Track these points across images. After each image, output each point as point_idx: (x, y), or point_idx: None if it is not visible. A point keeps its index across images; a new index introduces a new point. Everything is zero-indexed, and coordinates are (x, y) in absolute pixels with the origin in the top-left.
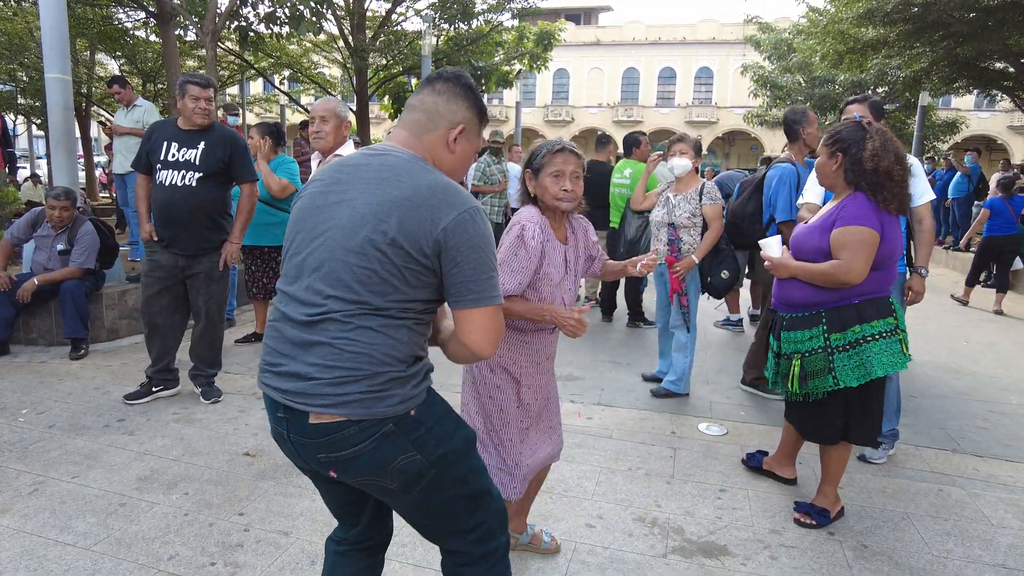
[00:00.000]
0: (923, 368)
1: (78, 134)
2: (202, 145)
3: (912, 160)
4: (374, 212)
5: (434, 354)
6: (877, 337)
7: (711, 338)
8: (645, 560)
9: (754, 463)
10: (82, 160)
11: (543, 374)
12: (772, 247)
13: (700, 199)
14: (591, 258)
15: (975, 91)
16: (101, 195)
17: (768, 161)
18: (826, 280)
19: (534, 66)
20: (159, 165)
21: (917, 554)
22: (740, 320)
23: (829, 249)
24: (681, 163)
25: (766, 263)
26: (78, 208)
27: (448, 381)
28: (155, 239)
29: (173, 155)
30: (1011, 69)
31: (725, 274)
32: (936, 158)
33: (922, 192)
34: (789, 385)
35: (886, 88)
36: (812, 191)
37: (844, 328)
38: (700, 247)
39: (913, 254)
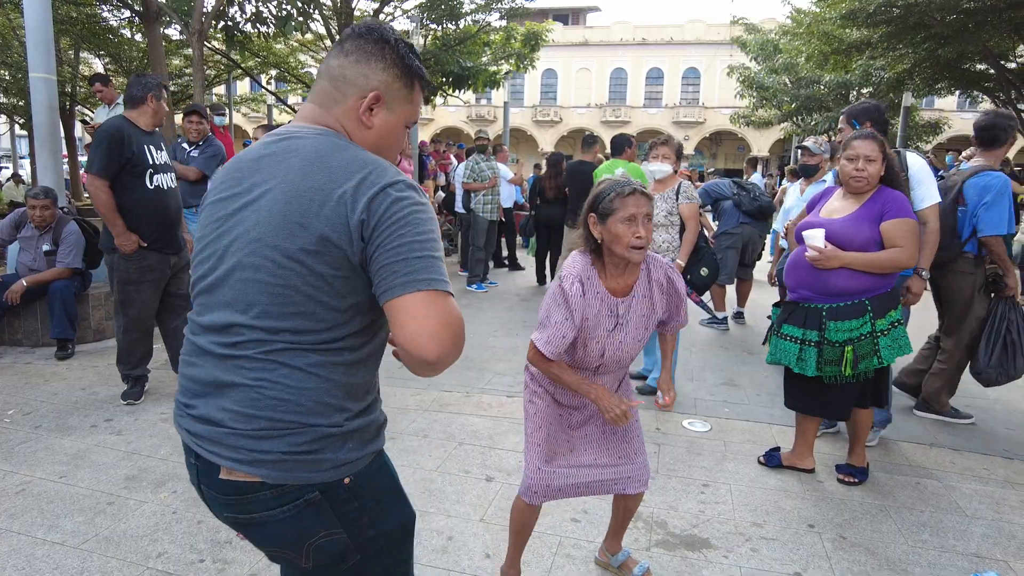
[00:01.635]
0: (904, 364)
1: (62, 133)
2: (162, 145)
3: (919, 163)
4: (282, 213)
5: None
6: (899, 323)
7: (696, 336)
8: None
9: (774, 463)
10: (66, 160)
11: (582, 399)
12: (817, 239)
13: (677, 198)
14: (671, 317)
15: (957, 92)
16: (86, 195)
17: (754, 162)
18: (890, 266)
19: (521, 66)
20: (151, 170)
21: (893, 545)
22: (725, 318)
23: (878, 239)
24: (660, 168)
25: (809, 253)
26: (62, 208)
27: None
28: (143, 245)
29: (157, 159)
30: (991, 70)
31: (704, 271)
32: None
33: (924, 196)
34: (843, 369)
35: (870, 89)
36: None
37: (884, 313)
38: (682, 249)
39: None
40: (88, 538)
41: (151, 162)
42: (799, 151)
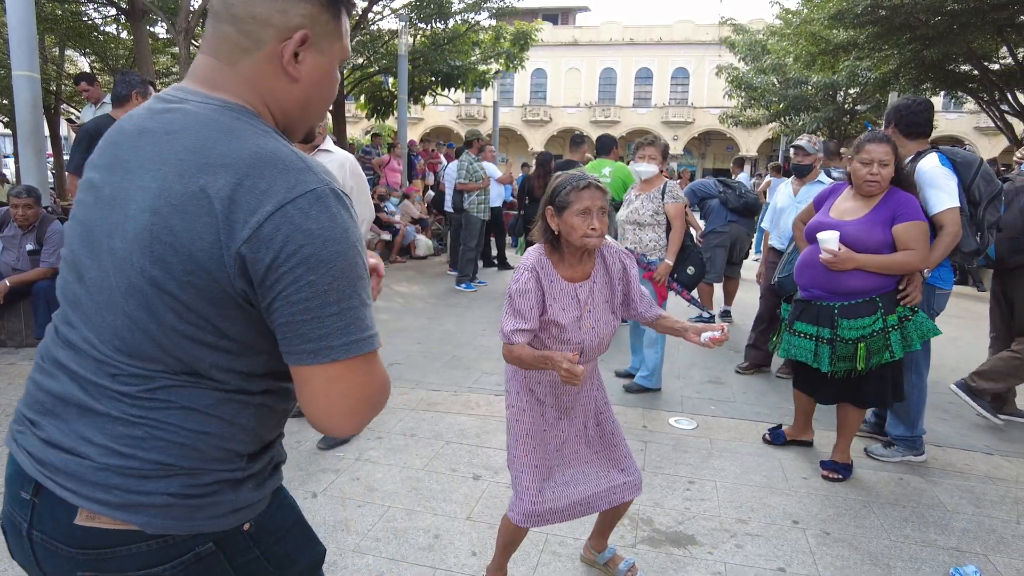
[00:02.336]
0: None
1: (47, 132)
2: None
3: (930, 167)
4: (149, 227)
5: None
6: (907, 318)
7: None
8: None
9: (779, 440)
10: (51, 159)
11: (570, 397)
12: (832, 242)
13: (663, 198)
14: (633, 298)
15: (942, 93)
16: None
17: (741, 162)
18: (902, 269)
19: (511, 66)
20: None
21: (876, 539)
22: (712, 317)
23: (890, 241)
24: (647, 168)
25: (824, 255)
26: (46, 207)
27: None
28: None
29: None
30: (975, 72)
31: (691, 270)
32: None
33: (935, 202)
34: (857, 364)
35: (857, 89)
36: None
37: (894, 310)
38: (669, 248)
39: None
40: None
41: None
42: (792, 150)
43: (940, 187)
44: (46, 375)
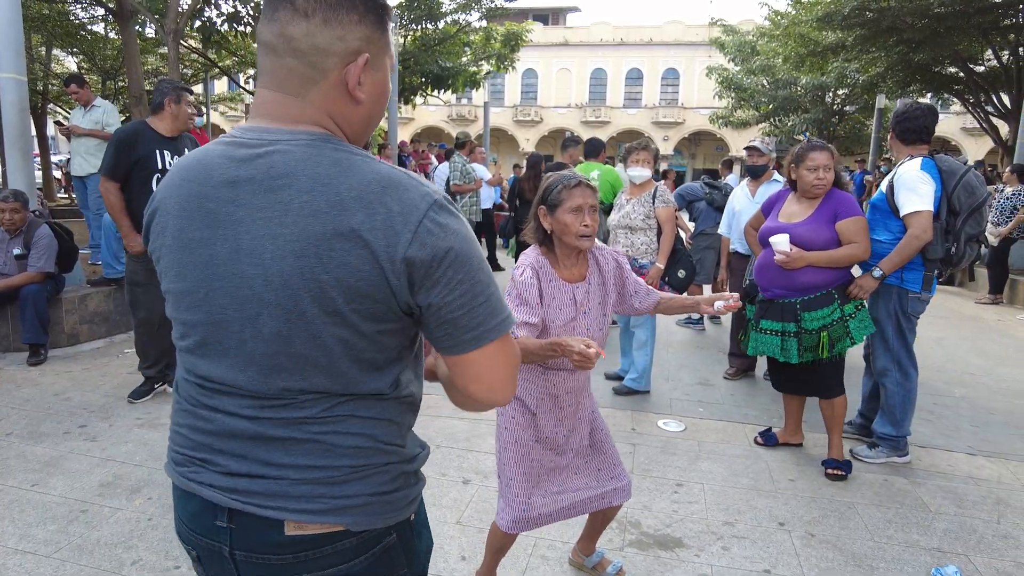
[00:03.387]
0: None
1: (34, 132)
2: (185, 150)
3: (907, 171)
4: (297, 269)
5: None
6: (862, 306)
7: (673, 337)
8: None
9: (771, 442)
10: (38, 160)
11: (564, 408)
12: (783, 243)
13: (653, 202)
14: (629, 293)
15: (928, 94)
16: (59, 195)
17: (729, 163)
18: (848, 261)
19: (501, 66)
20: (158, 175)
21: (860, 541)
22: (701, 319)
23: (836, 237)
24: (640, 173)
25: (778, 257)
26: (34, 211)
27: None
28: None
29: (170, 163)
30: (961, 74)
31: (682, 273)
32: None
33: (903, 203)
34: (820, 353)
35: (846, 91)
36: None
37: (849, 299)
38: (660, 252)
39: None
40: (61, 547)
41: (159, 166)
42: (746, 151)
43: (912, 190)
44: (201, 420)
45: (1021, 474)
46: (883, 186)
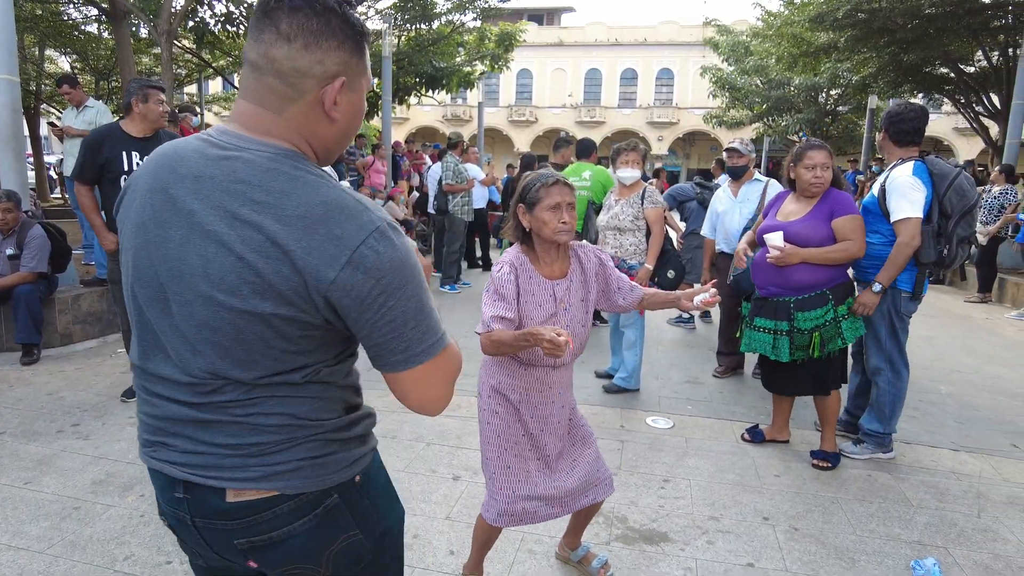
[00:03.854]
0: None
1: (27, 132)
2: None
3: (899, 176)
4: (235, 268)
5: None
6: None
7: (663, 335)
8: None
9: (758, 439)
10: (31, 159)
11: (548, 404)
12: (776, 239)
13: (642, 203)
14: (612, 290)
15: (920, 95)
16: (53, 195)
17: (721, 164)
18: (843, 257)
19: (496, 66)
20: (124, 176)
21: (842, 535)
22: (692, 318)
23: (832, 235)
24: (629, 174)
25: (771, 255)
26: (27, 212)
27: None
28: None
29: (137, 164)
30: (951, 74)
31: (671, 274)
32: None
33: (894, 208)
34: (811, 352)
35: (838, 91)
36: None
37: (843, 301)
38: (650, 253)
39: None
40: (54, 543)
41: (125, 168)
42: (726, 152)
43: (903, 196)
44: (152, 406)
45: (1002, 469)
46: (875, 189)
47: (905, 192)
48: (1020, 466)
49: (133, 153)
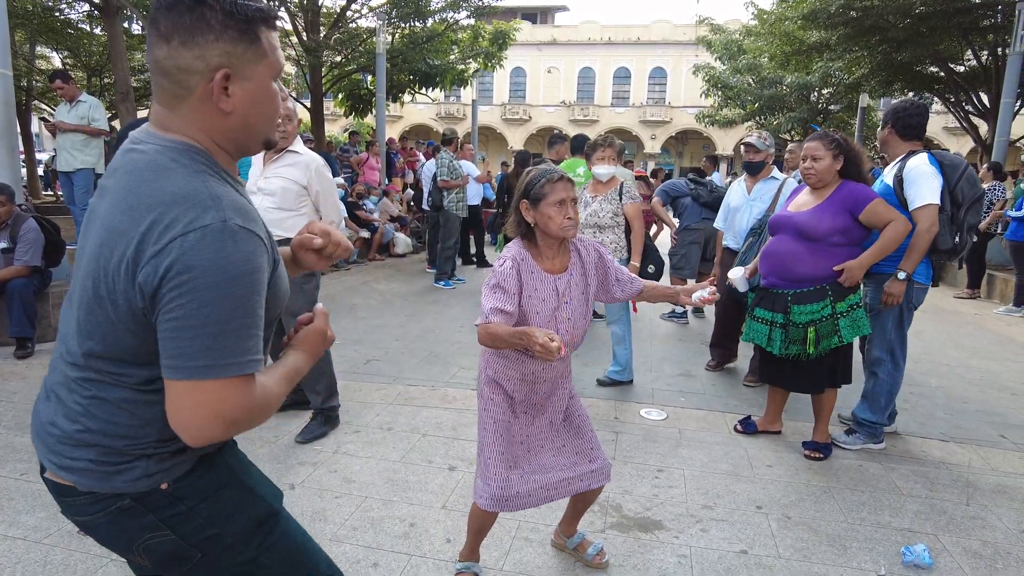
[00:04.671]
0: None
1: (19, 129)
2: None
3: (916, 165)
4: (97, 248)
5: None
6: (858, 305)
7: (657, 330)
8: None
9: (751, 429)
10: (23, 155)
11: (544, 393)
12: (738, 281)
13: (620, 198)
14: (611, 283)
15: (911, 93)
16: (45, 193)
17: (714, 160)
18: (897, 238)
19: (489, 64)
20: None
21: (834, 523)
22: (685, 312)
23: (844, 227)
24: (605, 170)
25: (843, 277)
26: (20, 206)
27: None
28: None
29: None
30: (941, 73)
31: (651, 268)
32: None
33: (914, 197)
34: (807, 348)
35: (830, 90)
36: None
37: (844, 297)
38: (634, 249)
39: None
40: (51, 533)
41: None
42: (743, 147)
43: (922, 184)
44: (51, 367)
45: (991, 459)
46: (888, 179)
47: (924, 180)
48: (1008, 456)
49: None
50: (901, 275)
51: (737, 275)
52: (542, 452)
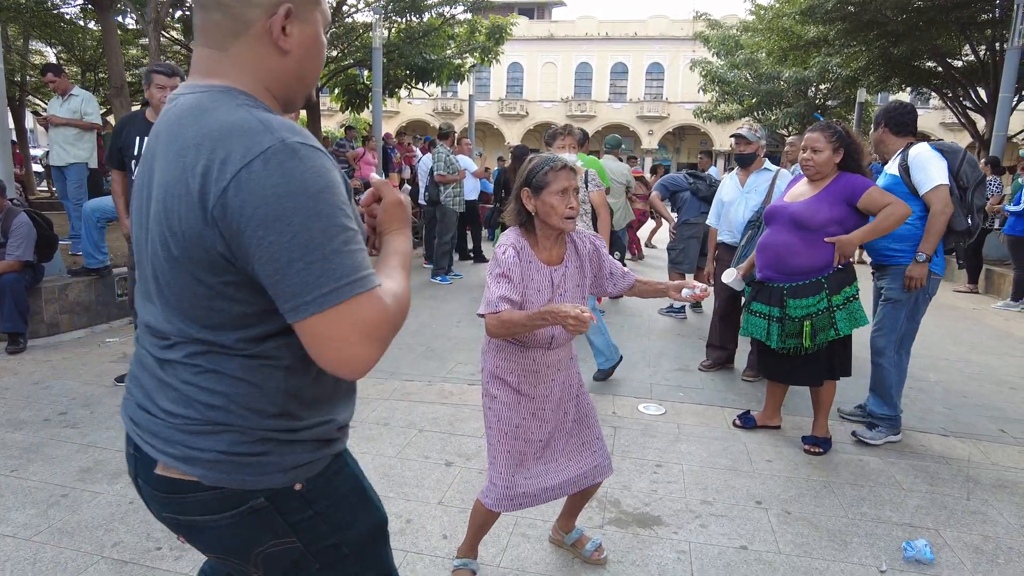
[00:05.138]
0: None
1: (12, 124)
2: None
3: (917, 152)
4: (159, 210)
5: None
6: (854, 298)
7: (655, 325)
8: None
9: (749, 424)
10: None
11: (546, 384)
12: (735, 283)
13: (586, 186)
14: (604, 277)
15: (908, 88)
16: (39, 188)
17: (710, 155)
18: (894, 220)
19: (486, 59)
20: (134, 161)
21: (834, 517)
22: (683, 308)
23: (841, 216)
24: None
25: (836, 254)
26: (12, 200)
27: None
28: None
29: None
30: (939, 68)
31: (615, 255)
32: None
33: (922, 181)
34: (803, 341)
35: (828, 85)
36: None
37: (839, 290)
38: (601, 237)
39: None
40: (41, 530)
41: (135, 152)
42: (733, 139)
43: (930, 168)
44: (137, 357)
45: (991, 454)
46: (893, 169)
47: (931, 163)
48: (1008, 451)
49: (145, 138)
50: (921, 257)
51: (731, 277)
52: (549, 448)
